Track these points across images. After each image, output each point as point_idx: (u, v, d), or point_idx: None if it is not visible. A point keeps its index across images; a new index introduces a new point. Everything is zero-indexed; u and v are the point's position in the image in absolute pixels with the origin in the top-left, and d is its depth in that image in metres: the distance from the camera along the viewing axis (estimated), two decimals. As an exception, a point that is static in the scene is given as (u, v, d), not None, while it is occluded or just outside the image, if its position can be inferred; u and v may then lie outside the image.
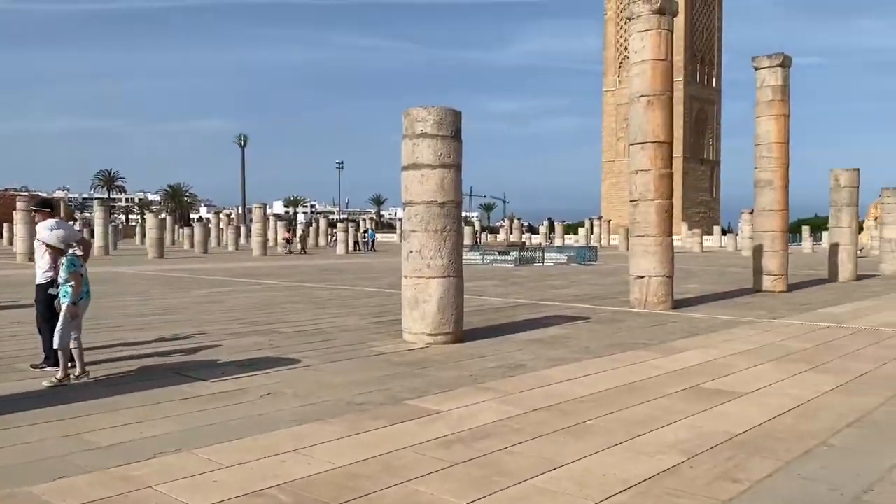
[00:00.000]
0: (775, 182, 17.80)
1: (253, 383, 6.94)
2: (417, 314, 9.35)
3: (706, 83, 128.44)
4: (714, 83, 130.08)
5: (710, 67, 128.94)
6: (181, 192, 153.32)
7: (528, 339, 9.90)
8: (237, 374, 7.31)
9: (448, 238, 9.37)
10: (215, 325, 11.26)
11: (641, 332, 10.62)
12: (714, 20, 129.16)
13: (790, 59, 17.83)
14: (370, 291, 17.76)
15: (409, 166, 9.39)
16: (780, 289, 17.69)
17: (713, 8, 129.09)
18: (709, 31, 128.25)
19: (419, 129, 9.28)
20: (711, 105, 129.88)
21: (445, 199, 9.33)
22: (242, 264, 32.06)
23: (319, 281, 21.51)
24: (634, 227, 13.75)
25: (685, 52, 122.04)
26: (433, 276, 9.30)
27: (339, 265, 31.73)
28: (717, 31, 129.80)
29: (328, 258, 39.83)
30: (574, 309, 13.77)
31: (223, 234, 69.08)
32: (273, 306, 14.09)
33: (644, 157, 13.53)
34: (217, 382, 6.95)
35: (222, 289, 18.36)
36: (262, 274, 24.79)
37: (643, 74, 13.49)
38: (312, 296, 16.47)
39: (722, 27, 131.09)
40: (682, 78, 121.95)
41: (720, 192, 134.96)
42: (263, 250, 42.62)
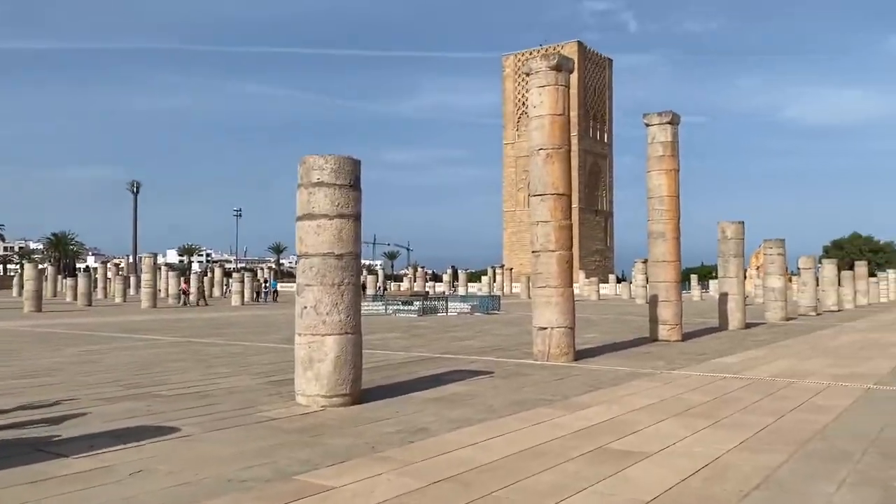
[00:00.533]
0: (668, 234, 18.32)
1: (121, 459, 6.17)
2: (311, 375, 8.76)
3: (598, 138, 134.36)
4: (606, 138, 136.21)
5: (601, 123, 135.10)
6: (66, 241, 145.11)
7: (430, 397, 9.46)
8: (104, 449, 6.50)
9: (346, 292, 8.90)
10: (88, 388, 10.25)
11: (545, 387, 10.39)
12: (605, 79, 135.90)
13: (678, 117, 18.60)
14: (263, 347, 16.89)
15: (305, 216, 8.91)
16: (675, 338, 18.06)
17: (604, 68, 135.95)
18: (600, 90, 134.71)
19: (315, 177, 8.85)
20: (604, 159, 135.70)
21: (343, 251, 8.88)
22: (128, 318, 30.21)
23: (210, 336, 20.38)
24: (536, 278, 13.68)
25: (579, 108, 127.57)
26: (329, 332, 8.78)
27: (232, 318, 30.40)
28: (607, 90, 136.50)
29: (222, 310, 38.22)
30: (477, 362, 13.47)
31: (110, 284, 65.47)
32: (155, 365, 13.07)
33: (544, 208, 13.56)
34: (79, 459, 6.14)
35: (102, 346, 17.03)
36: (149, 328, 23.33)
37: (542, 128, 13.62)
38: (201, 353, 15.47)
39: (612, 85, 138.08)
40: (576, 133, 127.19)
41: (614, 242, 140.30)
42: (153, 302, 40.50)
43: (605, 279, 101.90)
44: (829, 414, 8.32)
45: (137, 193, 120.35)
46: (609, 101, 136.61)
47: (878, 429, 7.49)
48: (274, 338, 19.60)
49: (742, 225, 23.63)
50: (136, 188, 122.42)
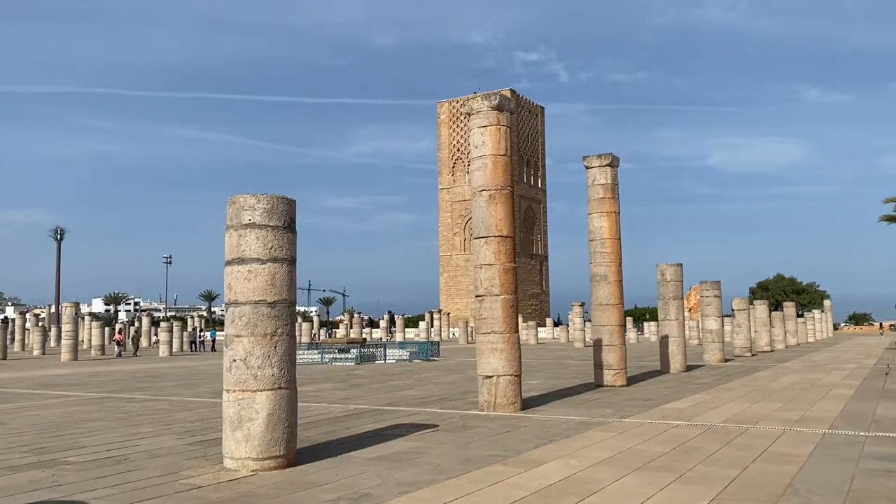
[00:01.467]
0: (610, 276, 18.13)
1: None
2: (241, 435, 7.94)
3: (532, 183, 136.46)
4: (539, 183, 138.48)
5: (535, 169, 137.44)
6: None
7: (372, 456, 8.72)
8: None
9: (280, 343, 8.16)
10: (-14, 456, 9.12)
11: (495, 442, 9.78)
12: (538, 126, 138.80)
13: (618, 160, 18.62)
14: (192, 402, 15.77)
15: (234, 261, 8.19)
16: (620, 383, 17.73)
17: (536, 115, 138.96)
18: (533, 136, 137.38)
19: (246, 218, 8.16)
20: (538, 203, 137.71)
21: (277, 298, 8.17)
22: (45, 372, 28.28)
23: (133, 390, 19.04)
24: (481, 324, 13.15)
25: (512, 153, 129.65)
26: (261, 388, 8.00)
27: (159, 370, 28.81)
28: (540, 136, 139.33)
29: (149, 362, 36.34)
30: (421, 414, 12.76)
31: (28, 336, 61.98)
32: (69, 426, 11.90)
33: (488, 251, 13.12)
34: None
35: (11, 405, 15.60)
36: (67, 384, 21.73)
37: (484, 168, 13.26)
38: (122, 410, 14.28)
39: (544, 132, 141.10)
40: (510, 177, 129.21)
41: (549, 286, 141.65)
42: (74, 354, 38.27)
43: (542, 323, 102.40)
44: (794, 464, 7.95)
45: (61, 240, 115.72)
46: (542, 147, 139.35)
47: (847, 478, 7.15)
48: (203, 391, 18.42)
49: (681, 267, 23.76)
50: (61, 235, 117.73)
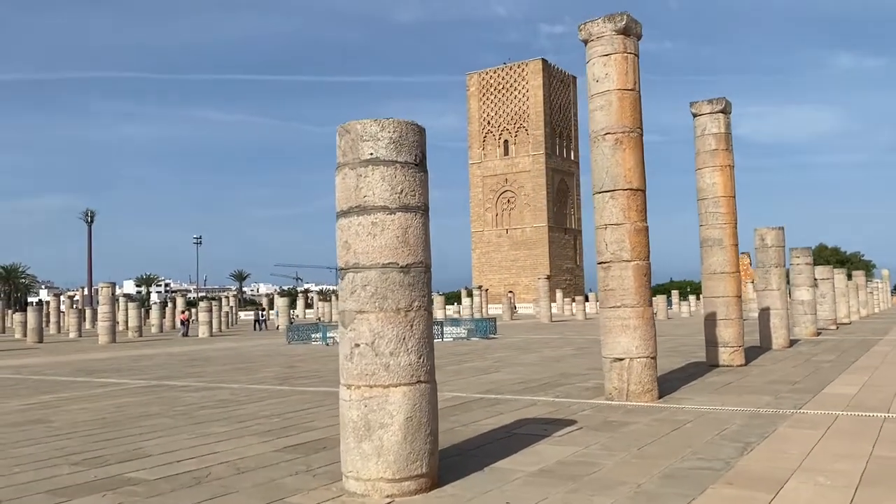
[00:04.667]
0: (725, 241, 15.77)
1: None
2: (370, 448, 5.81)
3: (565, 156, 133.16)
4: (572, 156, 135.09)
5: (567, 141, 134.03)
6: (17, 274, 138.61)
7: (532, 469, 6.57)
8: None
9: (417, 321, 6.00)
10: (31, 471, 7.12)
11: (674, 445, 7.58)
12: (570, 96, 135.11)
13: (731, 105, 16.15)
14: (255, 391, 13.77)
15: (352, 210, 6.01)
16: (738, 362, 15.44)
17: (568, 85, 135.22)
18: (565, 107, 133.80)
19: (367, 151, 5.97)
20: (571, 176, 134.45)
21: (411, 260, 6.00)
22: (84, 356, 26.63)
23: (184, 376, 17.14)
24: (607, 296, 10.91)
25: (545, 126, 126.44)
26: (395, 382, 5.85)
27: (204, 352, 27.00)
28: (573, 107, 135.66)
29: (190, 344, 34.67)
30: (539, 405, 10.61)
31: (64, 318, 61.02)
32: (125, 425, 9.92)
33: (615, 207, 10.84)
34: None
35: (53, 395, 13.73)
36: (110, 369, 19.93)
37: (608, 107, 10.94)
38: (180, 402, 12.31)
39: (577, 103, 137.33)
40: (543, 151, 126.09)
41: (583, 260, 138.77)
42: (112, 337, 36.76)
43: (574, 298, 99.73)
44: None
45: (92, 223, 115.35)
46: (575, 119, 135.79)
47: None
48: (263, 376, 16.45)
49: (782, 231, 21.19)
50: (91, 217, 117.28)
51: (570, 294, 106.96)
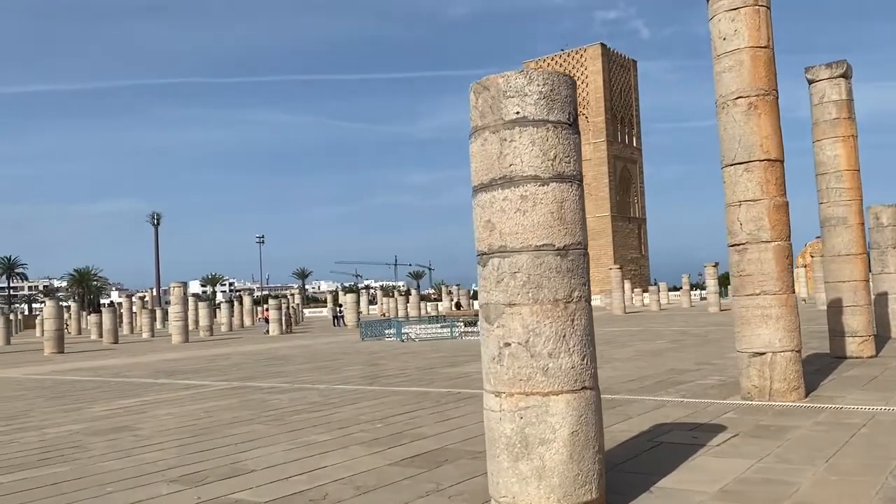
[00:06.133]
0: (850, 219, 14.23)
1: None
2: (528, 468, 4.78)
3: (627, 142, 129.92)
4: (634, 142, 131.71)
5: (629, 127, 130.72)
6: (90, 277, 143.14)
7: (704, 490, 5.45)
8: None
9: (578, 315, 4.94)
10: (126, 486, 6.35)
11: (868, 455, 6.35)
12: (630, 81, 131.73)
13: (852, 69, 14.55)
14: (344, 391, 12.94)
15: (495, 182, 4.98)
16: (868, 353, 13.91)
17: (628, 69, 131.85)
18: (626, 92, 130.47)
19: (512, 110, 4.92)
20: (633, 163, 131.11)
21: (569, 241, 4.94)
22: (160, 356, 26.46)
23: (266, 377, 16.49)
24: (743, 282, 9.65)
25: (605, 112, 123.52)
26: (557, 389, 4.81)
27: (278, 350, 26.53)
28: (633, 92, 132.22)
29: (261, 342, 34.40)
30: (667, 406, 9.44)
31: (136, 319, 62.15)
32: (217, 433, 9.16)
33: (750, 181, 9.56)
34: None
35: (136, 399, 13.18)
36: (189, 370, 19.50)
37: (739, 67, 9.65)
38: (268, 405, 11.55)
39: (638, 87, 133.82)
40: (604, 138, 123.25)
41: (648, 249, 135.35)
42: (185, 336, 36.84)
43: (645, 288, 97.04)
44: None
45: (158, 225, 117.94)
46: (636, 104, 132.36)
47: None
48: (348, 375, 15.65)
49: (900, 208, 19.30)
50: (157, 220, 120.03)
51: (637, 284, 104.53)
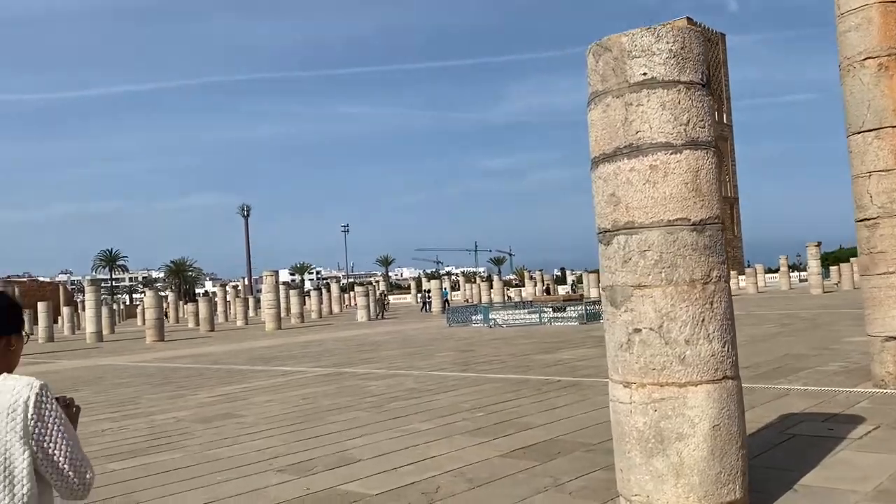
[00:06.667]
0: None
1: None
2: (663, 465, 4.36)
3: (717, 119, 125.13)
4: (724, 119, 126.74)
5: (719, 104, 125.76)
6: (185, 267, 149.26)
7: (857, 490, 4.90)
8: None
9: (718, 297, 4.48)
10: (235, 474, 6.29)
11: None
12: (719, 55, 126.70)
13: None
14: (442, 378, 12.74)
15: (620, 153, 4.55)
16: None
17: (716, 44, 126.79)
18: (715, 67, 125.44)
19: (639, 71, 4.47)
20: (724, 141, 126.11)
21: (705, 215, 4.47)
22: (255, 343, 27.09)
23: (359, 363, 16.51)
24: (874, 260, 8.84)
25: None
26: (695, 379, 4.36)
27: (369, 336, 26.71)
28: (722, 66, 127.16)
29: (352, 328, 34.81)
30: (791, 395, 8.77)
31: (230, 307, 64.25)
32: (318, 420, 9.09)
33: (882, 150, 8.71)
34: None
35: (237, 386, 13.37)
36: (284, 356, 19.80)
37: (867, 25, 8.79)
38: (366, 391, 11.46)
39: (727, 62, 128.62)
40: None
41: (741, 230, 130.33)
42: (277, 323, 37.70)
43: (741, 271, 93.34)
44: None
45: (248, 216, 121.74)
46: (725, 79, 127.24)
47: None
48: (440, 362, 15.47)
49: None
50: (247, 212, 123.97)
51: (731, 267, 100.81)
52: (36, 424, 1.99)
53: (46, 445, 2.00)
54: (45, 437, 2.00)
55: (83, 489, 2.07)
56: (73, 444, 2.07)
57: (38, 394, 2.02)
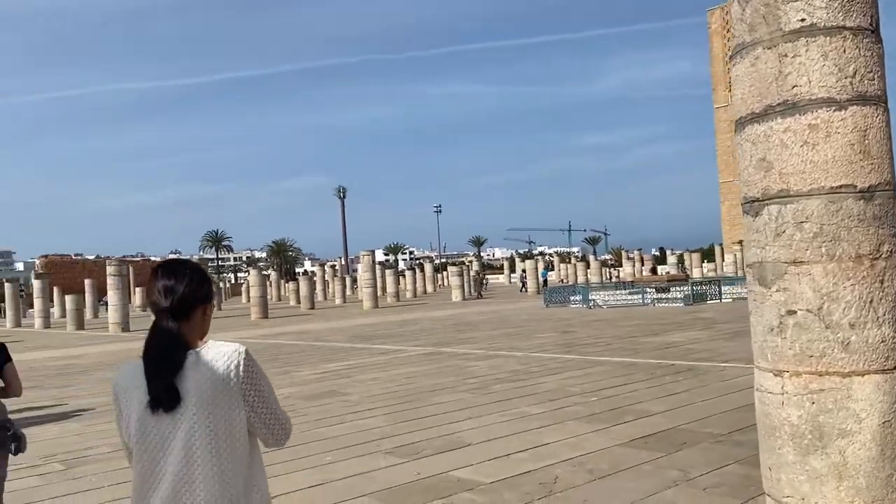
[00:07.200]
0: None
1: None
2: (824, 465, 3.85)
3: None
4: None
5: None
6: (286, 248, 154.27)
7: None
8: None
9: (889, 275, 3.90)
10: (344, 455, 6.16)
11: None
12: None
13: None
14: (545, 360, 12.36)
15: (771, 111, 4.01)
16: None
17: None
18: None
19: (795, 17, 3.91)
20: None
21: (875, 181, 3.90)
22: (354, 321, 27.45)
23: (458, 342, 16.33)
24: None
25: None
26: (862, 368, 3.82)
27: (464, 316, 26.56)
28: None
29: (446, 308, 34.81)
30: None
31: (328, 286, 65.82)
32: (423, 399, 8.92)
33: None
34: None
35: (339, 364, 13.44)
36: (383, 335, 19.89)
37: None
38: (468, 372, 11.24)
39: None
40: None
41: None
42: (374, 302, 38.15)
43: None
44: None
45: (344, 198, 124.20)
46: None
47: None
48: (541, 343, 15.08)
49: None
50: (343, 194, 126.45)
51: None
52: (247, 386, 2.14)
53: (257, 404, 2.17)
54: (255, 398, 2.16)
55: (285, 437, 2.29)
56: (276, 401, 2.25)
57: (246, 358, 2.17)
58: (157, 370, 2.09)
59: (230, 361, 2.12)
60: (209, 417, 2.08)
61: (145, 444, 2.09)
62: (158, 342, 2.12)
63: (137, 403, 2.11)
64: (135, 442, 2.11)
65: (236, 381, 2.11)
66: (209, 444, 2.07)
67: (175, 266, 2.26)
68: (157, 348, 2.11)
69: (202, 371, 2.10)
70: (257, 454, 2.24)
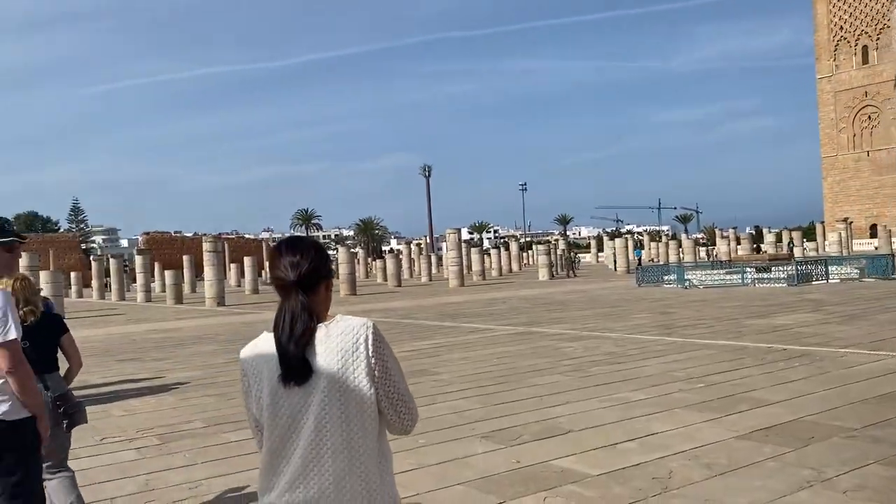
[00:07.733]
0: None
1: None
2: None
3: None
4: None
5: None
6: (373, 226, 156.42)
7: None
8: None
9: None
10: (439, 437, 5.89)
11: None
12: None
13: None
14: (643, 342, 11.77)
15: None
16: None
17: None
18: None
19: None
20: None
21: None
22: (441, 299, 27.32)
23: (549, 322, 15.86)
24: None
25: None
26: None
27: (552, 295, 25.98)
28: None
29: (534, 287, 34.25)
30: None
31: (414, 264, 66.17)
32: (516, 381, 8.56)
33: None
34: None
35: (427, 342, 13.25)
36: (470, 313, 19.62)
37: None
38: (562, 353, 10.80)
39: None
40: None
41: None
42: (460, 280, 37.96)
43: None
44: None
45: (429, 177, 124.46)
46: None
47: None
48: (637, 324, 14.43)
49: None
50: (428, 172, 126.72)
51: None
52: (375, 360, 2.07)
53: (384, 380, 2.08)
54: (382, 373, 2.07)
55: (411, 424, 2.16)
56: (403, 380, 2.13)
57: (374, 332, 2.10)
58: (289, 343, 2.06)
59: (359, 335, 2.08)
60: (340, 391, 2.04)
61: (276, 419, 2.07)
62: (290, 315, 2.09)
63: (268, 378, 2.09)
64: (267, 416, 2.08)
65: (365, 355, 2.06)
66: (340, 417, 2.04)
67: (298, 242, 2.24)
68: (288, 321, 2.08)
69: (332, 344, 2.08)
70: (384, 436, 2.15)
